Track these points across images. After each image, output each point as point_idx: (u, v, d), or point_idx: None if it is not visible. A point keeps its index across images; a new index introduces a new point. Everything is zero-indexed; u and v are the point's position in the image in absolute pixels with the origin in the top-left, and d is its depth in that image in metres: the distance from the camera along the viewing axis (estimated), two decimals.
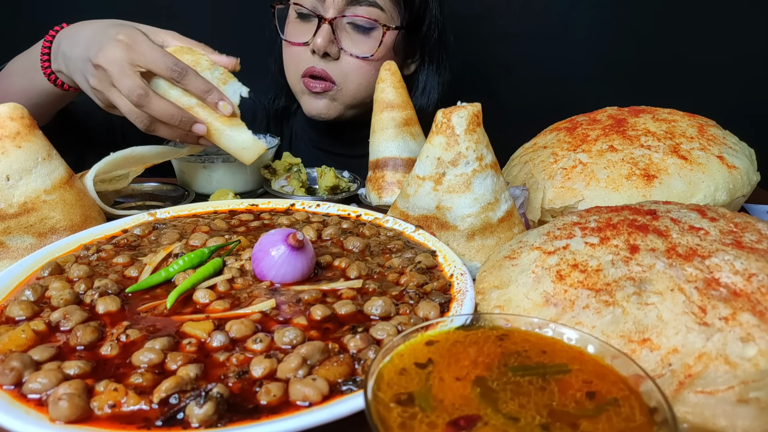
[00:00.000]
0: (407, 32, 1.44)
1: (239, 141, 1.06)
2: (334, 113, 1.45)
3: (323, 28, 1.33)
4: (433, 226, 0.89)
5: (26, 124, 0.86)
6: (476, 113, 0.85)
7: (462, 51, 2.07)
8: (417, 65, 1.54)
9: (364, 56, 1.37)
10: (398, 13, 1.39)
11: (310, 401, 0.53)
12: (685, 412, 0.52)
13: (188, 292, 0.71)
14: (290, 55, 1.44)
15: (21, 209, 0.85)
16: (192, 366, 0.56)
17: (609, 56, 2.06)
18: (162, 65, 0.98)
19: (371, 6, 1.34)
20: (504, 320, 0.56)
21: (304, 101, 1.46)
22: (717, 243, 0.64)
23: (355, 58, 1.37)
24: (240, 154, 1.08)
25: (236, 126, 1.05)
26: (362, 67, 1.38)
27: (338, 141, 1.59)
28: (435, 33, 1.49)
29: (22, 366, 0.55)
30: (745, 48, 2.01)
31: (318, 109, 1.44)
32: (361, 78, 1.40)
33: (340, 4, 1.33)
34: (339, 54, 1.37)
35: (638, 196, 0.96)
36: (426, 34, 1.48)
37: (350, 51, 1.37)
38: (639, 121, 1.10)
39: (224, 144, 1.07)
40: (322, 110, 1.44)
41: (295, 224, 0.95)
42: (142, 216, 0.96)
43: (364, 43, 1.37)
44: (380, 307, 0.68)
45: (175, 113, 0.99)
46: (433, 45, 1.51)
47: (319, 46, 1.33)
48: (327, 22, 1.33)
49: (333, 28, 1.34)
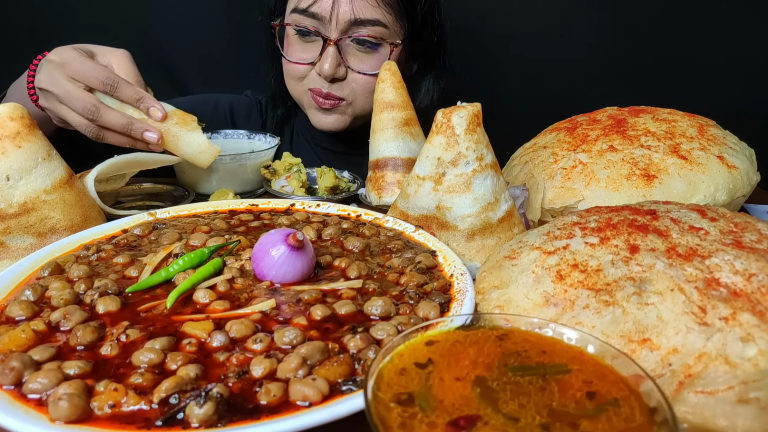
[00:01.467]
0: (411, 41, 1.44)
1: (195, 145, 1.10)
2: (343, 126, 1.45)
3: (329, 51, 1.31)
4: (433, 226, 0.89)
5: (26, 124, 0.86)
6: (476, 113, 0.85)
7: (462, 51, 2.07)
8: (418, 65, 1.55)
9: (374, 73, 1.35)
10: (401, 26, 1.38)
11: (310, 401, 0.53)
12: (685, 412, 0.52)
13: (188, 292, 0.71)
14: (294, 73, 1.42)
15: (21, 209, 0.85)
16: (192, 366, 0.56)
17: (609, 56, 2.06)
18: (94, 79, 1.03)
19: (375, 25, 1.32)
20: (504, 320, 0.56)
21: (312, 115, 1.46)
22: (717, 243, 0.64)
23: (363, 75, 1.36)
24: (196, 159, 1.11)
25: (193, 130, 1.10)
26: (370, 82, 1.37)
27: (340, 140, 1.60)
28: (435, 36, 1.50)
29: (22, 366, 0.55)
30: (745, 48, 2.01)
31: (328, 124, 1.44)
32: (369, 92, 1.39)
33: (343, 25, 1.31)
34: (347, 74, 1.37)
35: (638, 196, 0.96)
36: (426, 38, 1.48)
37: (357, 68, 1.36)
38: (639, 121, 1.10)
39: (181, 149, 1.10)
40: (332, 125, 1.44)
41: (295, 224, 0.95)
42: (142, 216, 0.96)
43: (369, 59, 1.36)
44: (380, 307, 0.68)
45: (126, 122, 1.05)
46: (434, 48, 1.51)
47: (327, 73, 1.32)
48: (332, 44, 1.31)
49: (338, 49, 1.33)
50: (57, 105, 1.05)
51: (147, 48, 2.02)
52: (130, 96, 1.06)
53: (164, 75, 2.06)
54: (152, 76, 1.16)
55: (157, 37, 2.03)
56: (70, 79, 1.03)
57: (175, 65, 2.08)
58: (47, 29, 1.98)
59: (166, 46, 2.05)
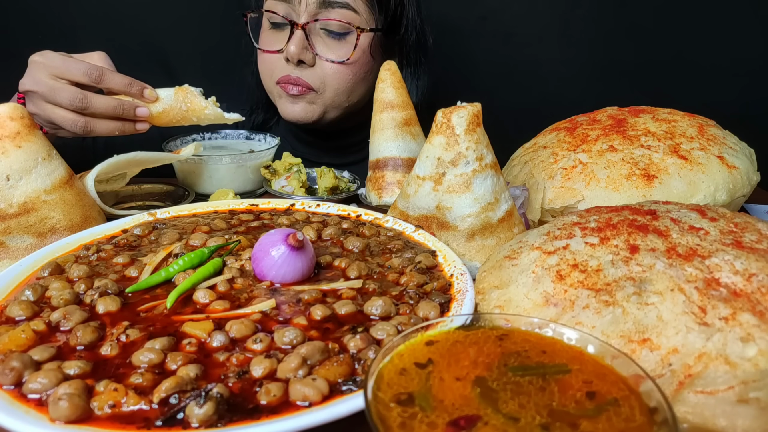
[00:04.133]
0: (385, 35, 1.42)
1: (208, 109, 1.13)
2: (312, 116, 1.43)
3: (296, 34, 1.32)
4: (433, 226, 0.89)
5: (26, 124, 0.86)
6: (476, 113, 0.85)
7: (463, 51, 2.08)
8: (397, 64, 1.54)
9: (340, 60, 1.35)
10: (373, 15, 1.37)
11: (310, 401, 0.53)
12: (685, 412, 0.52)
13: (188, 292, 0.71)
14: (265, 62, 1.42)
15: (21, 209, 0.85)
16: (192, 366, 0.56)
17: (609, 56, 2.06)
18: (77, 72, 1.04)
19: (344, 8, 1.32)
20: (504, 320, 0.56)
21: (281, 105, 1.44)
22: (717, 243, 0.64)
23: (331, 62, 1.35)
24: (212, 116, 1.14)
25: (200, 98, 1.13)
26: (339, 72, 1.37)
27: (320, 149, 1.58)
28: (413, 36, 1.48)
29: (22, 366, 0.55)
30: (745, 48, 2.01)
31: (296, 114, 1.42)
32: (338, 82, 1.38)
33: (312, 8, 1.31)
34: (314, 60, 1.36)
35: (638, 196, 0.96)
36: (403, 36, 1.47)
37: (325, 56, 1.35)
38: (639, 121, 1.10)
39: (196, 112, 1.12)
40: (299, 114, 1.42)
41: (295, 224, 0.95)
42: (142, 216, 0.96)
43: (339, 47, 1.35)
44: (380, 307, 0.68)
45: (116, 104, 1.06)
46: (411, 47, 1.49)
47: (293, 54, 1.32)
48: (300, 28, 1.31)
49: (306, 34, 1.32)
50: (43, 105, 1.05)
51: (147, 48, 2.03)
52: (119, 82, 1.06)
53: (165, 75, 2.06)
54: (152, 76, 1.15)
55: (158, 36, 2.03)
56: (54, 76, 1.03)
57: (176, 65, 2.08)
58: (47, 29, 1.98)
59: (167, 46, 2.06)
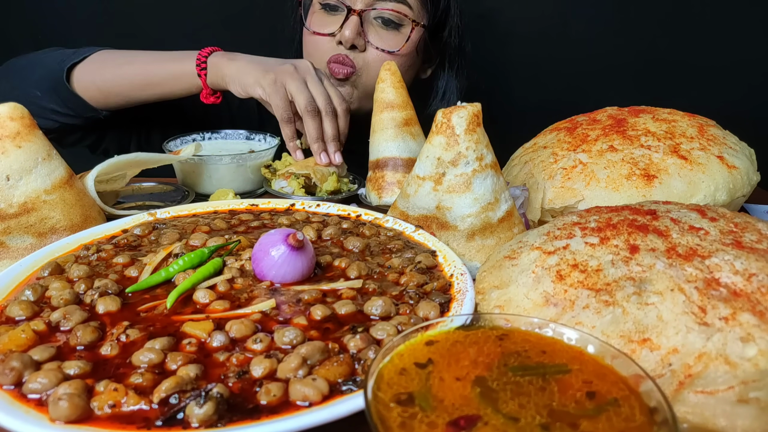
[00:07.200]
0: (429, 35, 1.46)
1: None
2: (354, 102, 1.45)
3: (351, 19, 1.34)
4: (433, 226, 0.89)
5: (26, 124, 0.86)
6: (476, 113, 0.85)
7: None
8: (433, 70, 1.57)
9: (391, 51, 1.38)
10: (425, 12, 1.41)
11: (310, 401, 0.53)
12: (685, 412, 0.52)
13: (188, 292, 0.71)
14: (314, 45, 1.43)
15: (21, 209, 0.85)
16: (192, 366, 0.56)
17: (609, 56, 2.06)
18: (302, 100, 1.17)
19: (400, 2, 1.35)
20: (504, 320, 0.56)
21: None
22: (717, 243, 0.64)
23: (381, 51, 1.38)
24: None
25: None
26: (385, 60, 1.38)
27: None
28: (456, 40, 1.52)
29: (22, 366, 0.55)
30: (745, 48, 2.01)
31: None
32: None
33: None
34: (365, 47, 1.38)
35: (638, 196, 0.96)
36: (447, 40, 1.51)
37: (377, 45, 1.38)
38: (639, 121, 1.10)
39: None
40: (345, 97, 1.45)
41: (295, 224, 0.95)
42: (142, 216, 0.96)
43: (389, 38, 1.38)
44: (380, 307, 0.67)
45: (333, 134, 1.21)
46: (453, 51, 1.53)
47: (347, 38, 1.34)
48: (356, 14, 1.34)
49: (361, 21, 1.35)
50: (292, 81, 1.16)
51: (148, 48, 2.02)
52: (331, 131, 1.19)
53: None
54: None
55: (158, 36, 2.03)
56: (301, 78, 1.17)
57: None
58: (47, 29, 1.98)
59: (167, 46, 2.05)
